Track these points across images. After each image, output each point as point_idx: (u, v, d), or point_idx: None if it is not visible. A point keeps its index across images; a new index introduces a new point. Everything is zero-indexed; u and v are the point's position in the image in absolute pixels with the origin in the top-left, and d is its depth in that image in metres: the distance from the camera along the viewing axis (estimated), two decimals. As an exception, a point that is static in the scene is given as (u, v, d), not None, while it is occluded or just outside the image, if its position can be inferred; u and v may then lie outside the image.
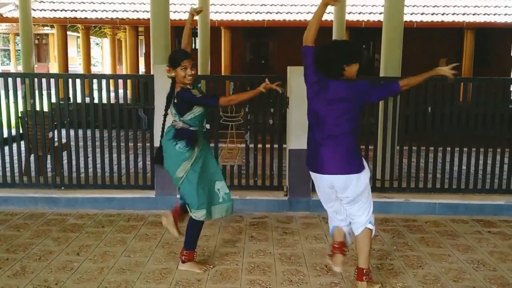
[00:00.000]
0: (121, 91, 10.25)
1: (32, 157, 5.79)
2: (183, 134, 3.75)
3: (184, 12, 14.85)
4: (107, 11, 15.07)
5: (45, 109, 5.61)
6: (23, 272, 3.79)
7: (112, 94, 5.62)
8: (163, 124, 3.90)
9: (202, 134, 3.90)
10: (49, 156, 5.82)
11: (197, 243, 3.95)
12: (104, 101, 5.52)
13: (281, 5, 15.51)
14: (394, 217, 5.26)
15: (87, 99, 5.62)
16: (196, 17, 4.73)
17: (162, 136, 3.88)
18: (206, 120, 4.11)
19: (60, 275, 3.76)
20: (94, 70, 28.35)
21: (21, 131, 6.10)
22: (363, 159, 3.47)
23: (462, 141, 5.65)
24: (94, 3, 15.49)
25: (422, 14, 14.95)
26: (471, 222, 5.13)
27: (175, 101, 3.74)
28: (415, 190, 5.66)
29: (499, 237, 4.70)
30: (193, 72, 3.71)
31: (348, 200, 3.44)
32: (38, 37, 28.51)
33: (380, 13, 14.09)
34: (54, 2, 15.36)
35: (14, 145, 5.79)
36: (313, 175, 3.49)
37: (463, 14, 14.95)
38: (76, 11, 14.94)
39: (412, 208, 5.40)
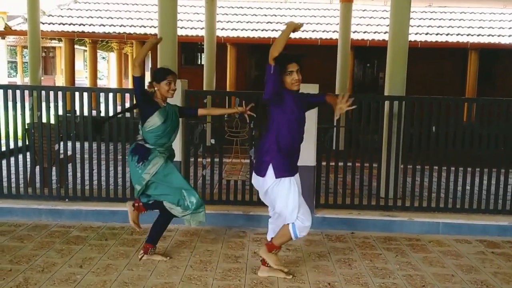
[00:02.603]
0: (127, 104, 10.34)
1: (37, 169, 5.81)
2: (138, 150, 4.15)
3: (191, 28, 15.00)
4: (114, 26, 15.24)
5: (52, 121, 5.66)
6: (26, 284, 3.79)
7: (119, 108, 5.67)
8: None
9: (163, 158, 4.17)
10: (54, 168, 5.85)
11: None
12: (111, 114, 5.56)
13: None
14: (398, 235, 5.26)
15: (94, 112, 5.67)
16: (203, 33, 4.91)
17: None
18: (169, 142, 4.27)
19: (62, 287, 3.76)
20: (100, 83, 28.54)
21: (27, 143, 6.14)
22: (271, 166, 3.82)
23: (466, 161, 5.66)
24: (101, 18, 15.67)
25: (426, 34, 15.06)
26: (475, 243, 5.11)
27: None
28: (419, 209, 5.66)
29: (503, 258, 4.68)
30: (175, 88, 4.14)
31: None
32: (45, 50, 28.82)
33: (385, 33, 14.19)
34: (62, 16, 15.55)
35: (20, 157, 5.82)
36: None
37: (467, 35, 15.05)
38: (84, 25, 15.10)
39: (416, 227, 5.39)
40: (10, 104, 5.66)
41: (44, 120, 5.66)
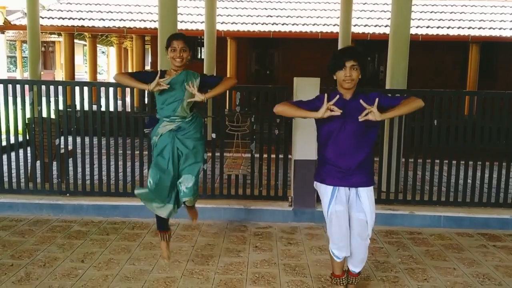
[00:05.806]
0: (127, 99, 10.32)
1: (38, 164, 5.81)
2: (152, 120, 3.92)
3: (191, 22, 14.95)
4: (114, 20, 15.17)
5: (52, 116, 5.65)
6: (28, 279, 3.80)
7: (119, 102, 5.66)
8: None
9: (171, 132, 3.79)
10: (55, 163, 5.84)
11: (162, 225, 3.98)
12: (111, 109, 5.55)
13: (287, 17, 15.60)
14: (399, 229, 5.25)
15: (94, 107, 5.65)
16: (203, 27, 4.80)
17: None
18: (177, 112, 3.76)
19: (64, 282, 3.76)
20: (100, 78, 28.51)
21: (28, 138, 6.13)
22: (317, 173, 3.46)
23: (468, 154, 5.65)
24: (101, 12, 15.61)
25: (427, 27, 14.99)
26: (476, 236, 5.11)
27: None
28: (420, 202, 5.65)
29: (505, 252, 4.68)
30: (181, 55, 3.64)
31: None
32: (45, 44, 28.74)
33: (386, 26, 14.14)
34: (62, 11, 15.49)
35: (21, 151, 5.81)
36: None
37: (469, 28, 14.99)
38: (83, 19, 15.04)
39: (417, 221, 5.39)
40: (10, 99, 5.65)
41: (44, 114, 5.64)
